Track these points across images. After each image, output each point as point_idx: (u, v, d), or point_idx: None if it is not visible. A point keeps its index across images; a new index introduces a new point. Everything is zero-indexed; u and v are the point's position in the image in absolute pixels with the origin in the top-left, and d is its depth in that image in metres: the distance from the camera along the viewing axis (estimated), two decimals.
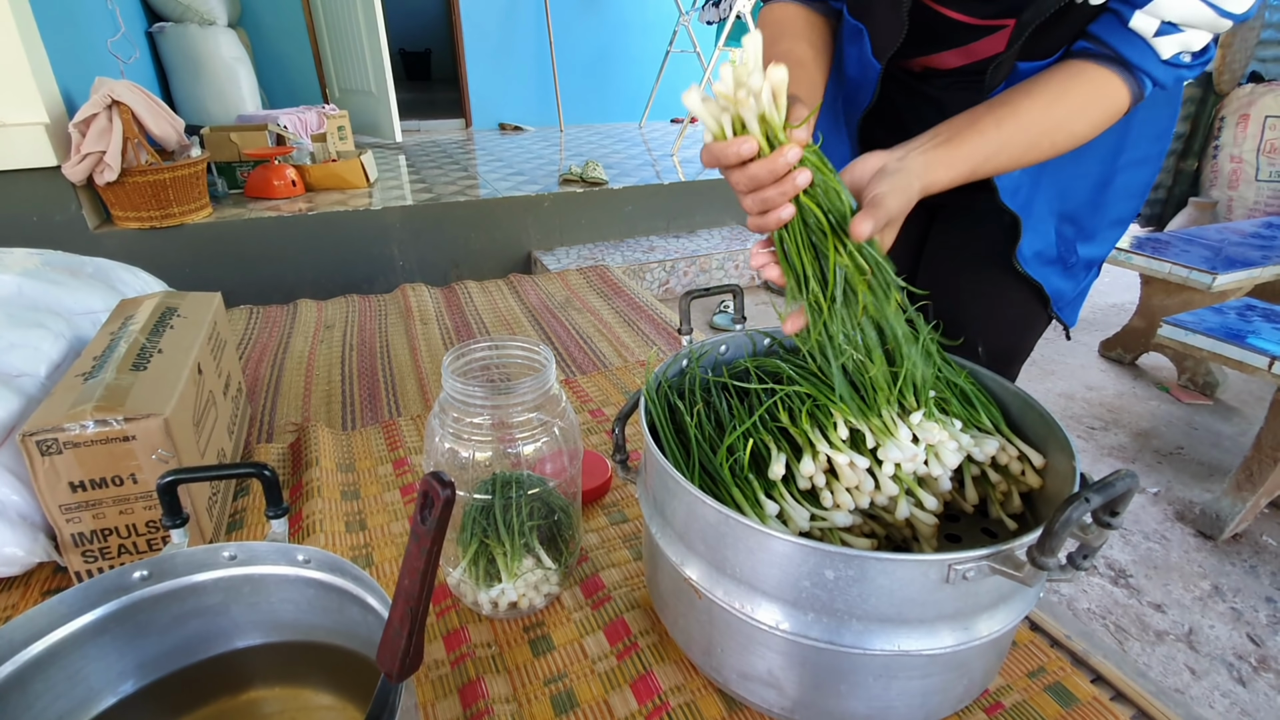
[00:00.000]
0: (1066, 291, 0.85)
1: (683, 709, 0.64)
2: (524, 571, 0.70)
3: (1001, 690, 0.66)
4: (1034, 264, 0.82)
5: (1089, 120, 0.64)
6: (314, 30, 4.43)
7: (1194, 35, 0.60)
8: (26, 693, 0.49)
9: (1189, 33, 0.60)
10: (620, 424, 0.71)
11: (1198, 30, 0.60)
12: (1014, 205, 0.78)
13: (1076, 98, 0.64)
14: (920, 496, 0.59)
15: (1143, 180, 0.83)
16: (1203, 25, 0.60)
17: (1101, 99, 0.64)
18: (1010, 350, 0.90)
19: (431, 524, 0.39)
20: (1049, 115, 0.63)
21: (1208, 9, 0.58)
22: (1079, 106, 0.64)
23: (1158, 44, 0.61)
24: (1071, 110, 0.64)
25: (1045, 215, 0.81)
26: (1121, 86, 0.63)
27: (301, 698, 0.59)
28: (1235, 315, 1.86)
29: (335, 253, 2.66)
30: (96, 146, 2.10)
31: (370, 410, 1.17)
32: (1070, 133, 0.65)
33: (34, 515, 0.76)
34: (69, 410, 0.70)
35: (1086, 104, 0.64)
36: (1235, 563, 1.74)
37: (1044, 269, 0.83)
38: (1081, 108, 0.64)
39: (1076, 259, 0.84)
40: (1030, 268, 0.82)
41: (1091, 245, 0.84)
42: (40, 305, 0.93)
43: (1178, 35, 0.60)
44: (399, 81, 4.22)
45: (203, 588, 0.56)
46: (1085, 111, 0.64)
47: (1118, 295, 3.59)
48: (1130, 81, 0.63)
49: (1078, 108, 0.64)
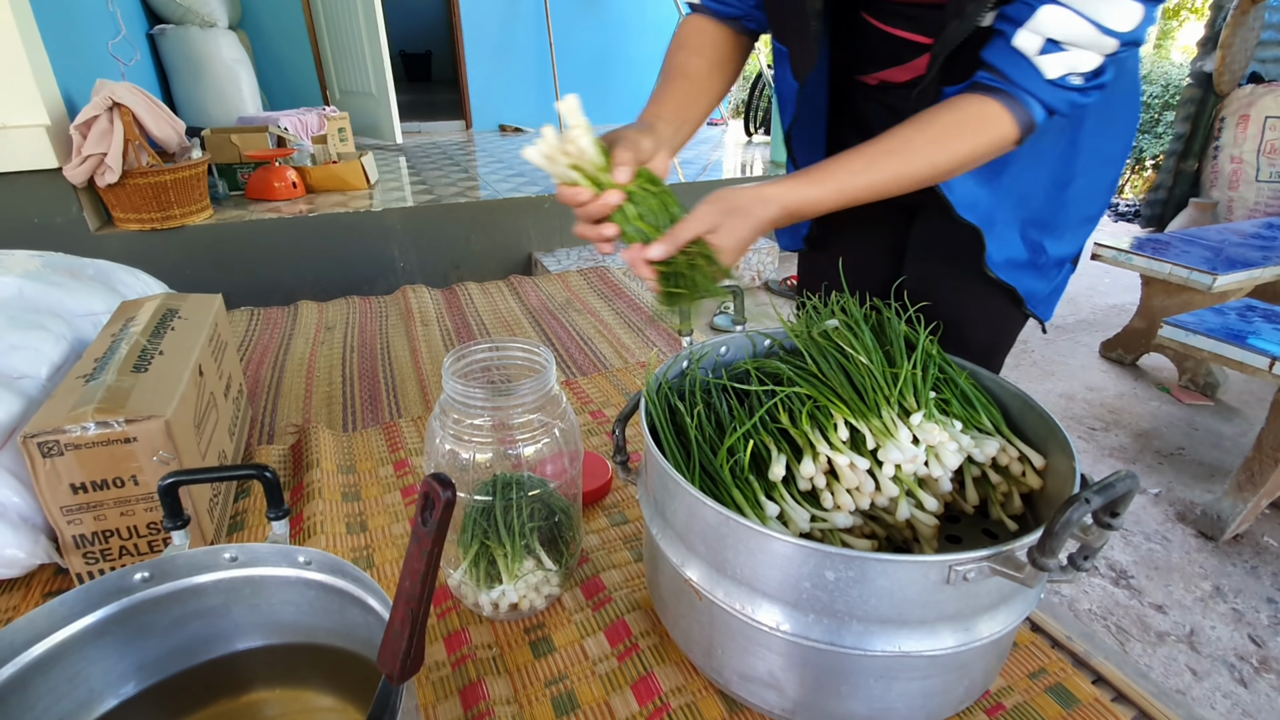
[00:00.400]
0: (1040, 290, 0.87)
1: (683, 710, 0.64)
2: (524, 573, 0.70)
3: (1002, 691, 0.66)
4: (1005, 269, 0.83)
5: (969, 147, 0.64)
6: (314, 32, 4.43)
7: (1079, 55, 0.59)
8: (27, 695, 0.49)
9: (1073, 52, 0.59)
10: (621, 425, 0.71)
11: (1082, 49, 0.59)
12: (973, 218, 0.80)
13: (955, 126, 0.64)
14: (921, 497, 0.59)
15: (1108, 178, 0.84)
16: (1085, 43, 0.59)
17: (982, 126, 0.64)
18: (990, 346, 0.92)
19: (432, 526, 0.39)
20: (926, 143, 0.64)
21: (1088, 24, 0.57)
22: (956, 134, 0.64)
23: (1041, 63, 0.60)
24: (949, 138, 0.64)
25: (1009, 223, 0.83)
26: (1003, 113, 0.63)
27: (302, 699, 0.59)
28: (1236, 316, 1.86)
29: (336, 254, 2.66)
30: (97, 148, 2.10)
31: (371, 412, 1.17)
32: (950, 159, 0.65)
33: (35, 517, 0.76)
34: (70, 412, 0.70)
35: (964, 132, 0.64)
36: (1236, 563, 1.74)
37: (1015, 272, 0.84)
38: (958, 135, 0.64)
39: (1047, 259, 0.85)
40: (1002, 273, 0.83)
41: (1061, 244, 0.86)
42: (41, 307, 0.93)
43: (1062, 54, 0.59)
44: (399, 83, 4.22)
45: (204, 589, 0.56)
46: (963, 139, 0.64)
47: (1118, 296, 3.59)
48: (1015, 107, 0.63)
49: (955, 135, 0.64)
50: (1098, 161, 0.82)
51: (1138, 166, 6.09)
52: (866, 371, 0.63)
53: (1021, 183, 0.81)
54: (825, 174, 0.65)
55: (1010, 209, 0.82)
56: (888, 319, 0.71)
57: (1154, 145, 5.65)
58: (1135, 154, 5.88)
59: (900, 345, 0.67)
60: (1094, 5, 0.56)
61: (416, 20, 7.79)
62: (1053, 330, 3.19)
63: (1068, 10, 0.57)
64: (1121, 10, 0.56)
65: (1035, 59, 0.60)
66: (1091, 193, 0.84)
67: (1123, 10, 0.56)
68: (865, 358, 0.64)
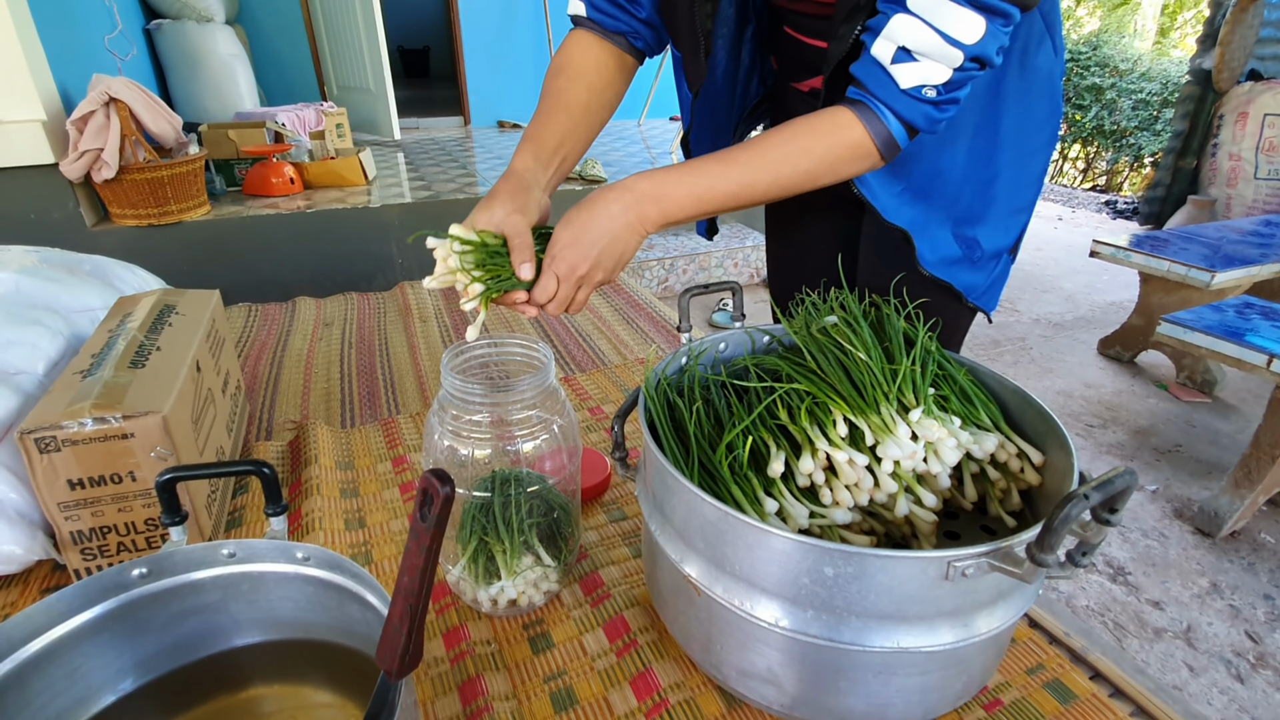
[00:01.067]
0: (978, 283, 0.88)
1: (682, 706, 0.64)
2: (523, 569, 0.70)
3: (1000, 687, 0.66)
4: (939, 267, 0.85)
5: (819, 152, 0.66)
6: (312, 27, 4.42)
7: (929, 66, 0.61)
8: (25, 690, 0.49)
9: (925, 63, 0.61)
10: (619, 422, 0.71)
11: (932, 60, 0.61)
12: (900, 222, 0.82)
13: (805, 132, 0.65)
14: (919, 494, 0.59)
15: (1036, 169, 0.85)
16: (934, 54, 0.60)
17: (832, 130, 0.65)
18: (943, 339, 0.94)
19: (431, 521, 0.39)
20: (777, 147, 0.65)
21: (935, 35, 0.59)
22: (807, 140, 0.65)
23: (895, 72, 0.62)
24: (799, 143, 0.66)
25: (939, 225, 0.84)
26: (854, 120, 0.65)
27: (301, 695, 0.59)
28: (1234, 313, 1.86)
29: (334, 251, 2.66)
30: (94, 144, 2.09)
31: (369, 408, 1.17)
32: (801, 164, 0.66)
33: (32, 513, 0.76)
34: (67, 408, 0.70)
35: (815, 136, 0.65)
36: (1233, 560, 1.74)
37: (950, 269, 0.86)
38: (809, 141, 0.66)
39: (982, 253, 0.87)
40: (937, 270, 0.85)
41: (995, 237, 0.87)
42: (38, 303, 0.93)
43: (914, 64, 0.61)
44: (397, 79, 4.21)
45: (202, 585, 0.56)
46: (814, 144, 0.66)
47: (1116, 293, 3.59)
48: (868, 117, 0.64)
49: (805, 141, 0.65)
50: (1021, 154, 0.83)
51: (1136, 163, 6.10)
52: (865, 368, 0.63)
53: (940, 188, 0.82)
54: (683, 165, 0.66)
55: (938, 212, 0.84)
56: (887, 315, 0.71)
57: (1152, 142, 5.66)
58: (1134, 151, 5.88)
59: (899, 342, 0.67)
60: (940, 14, 0.59)
61: (414, 16, 7.76)
62: (1051, 328, 3.20)
63: (916, 19, 0.59)
64: (965, 21, 0.59)
65: (890, 68, 0.62)
66: (1019, 184, 0.85)
67: (966, 21, 0.59)
68: (864, 354, 0.64)
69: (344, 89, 4.33)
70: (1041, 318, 3.29)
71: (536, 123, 0.80)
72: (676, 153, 3.93)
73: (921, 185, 0.82)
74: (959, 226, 0.85)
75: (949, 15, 0.58)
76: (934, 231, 0.84)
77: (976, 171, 0.82)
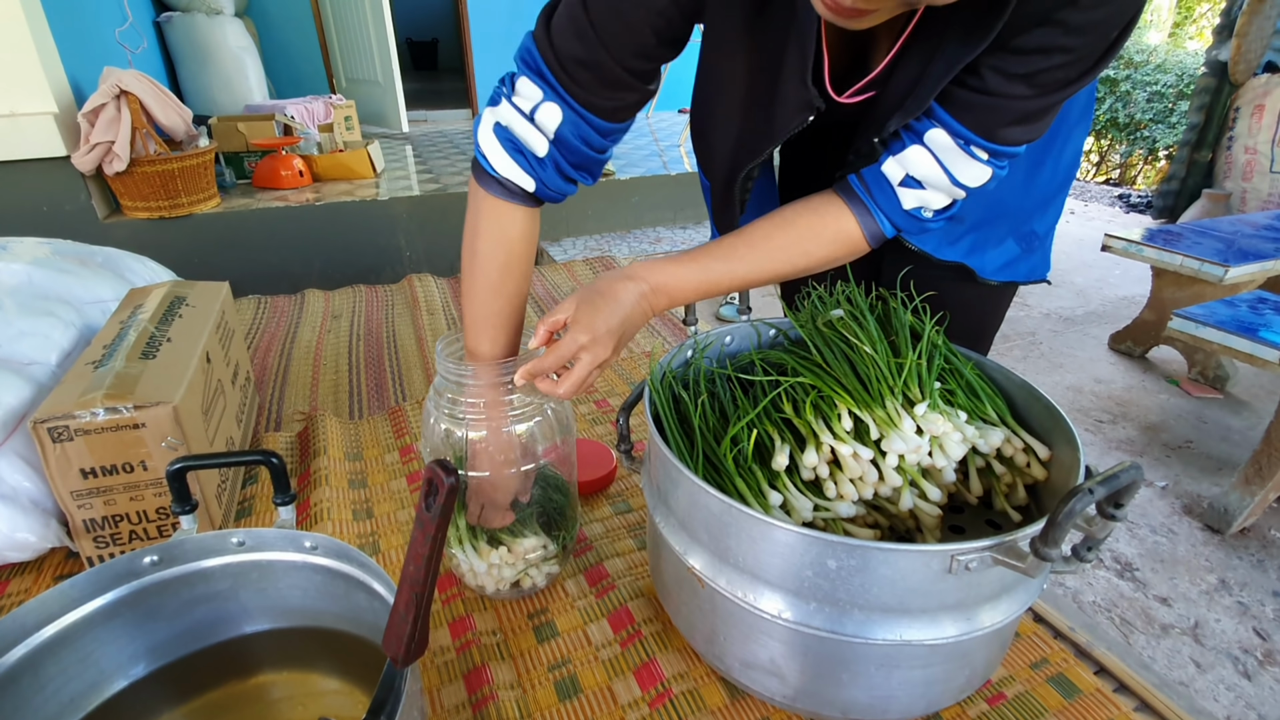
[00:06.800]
0: (1037, 264, 0.88)
1: (685, 696, 0.64)
2: (525, 551, 0.71)
3: (1004, 681, 0.66)
4: (1001, 273, 0.86)
5: (820, 260, 0.69)
6: (321, 20, 4.42)
7: (933, 195, 0.64)
8: (39, 675, 0.50)
9: (929, 191, 0.64)
10: (625, 414, 0.71)
11: (935, 191, 0.64)
12: (954, 258, 0.82)
13: (811, 241, 0.68)
14: (924, 488, 0.59)
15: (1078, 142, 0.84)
16: (939, 188, 0.63)
17: (836, 242, 0.68)
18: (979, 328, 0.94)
19: (436, 511, 0.39)
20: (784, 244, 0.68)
21: (944, 174, 0.62)
22: (812, 240, 0.68)
23: (901, 194, 0.65)
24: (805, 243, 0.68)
25: (1000, 239, 0.85)
26: (857, 229, 0.67)
27: (309, 682, 0.60)
28: (1247, 308, 1.84)
29: (342, 243, 2.66)
30: (105, 136, 2.11)
31: (377, 400, 1.18)
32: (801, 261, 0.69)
33: (46, 501, 0.77)
34: (79, 398, 0.71)
35: (819, 246, 0.68)
36: (1243, 557, 1.73)
37: (1011, 269, 0.86)
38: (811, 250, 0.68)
39: (1038, 239, 0.87)
40: (998, 277, 0.86)
41: (1049, 217, 0.87)
42: (50, 294, 0.94)
43: (918, 191, 0.64)
44: (406, 71, 4.20)
45: (212, 573, 0.57)
46: (816, 252, 0.69)
47: (1128, 288, 3.56)
48: (868, 222, 0.67)
49: (810, 241, 0.68)
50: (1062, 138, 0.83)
51: (1150, 157, 6.03)
52: (871, 361, 0.63)
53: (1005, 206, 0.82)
54: (690, 257, 0.67)
55: (999, 227, 0.84)
56: (894, 309, 0.71)
57: (1167, 135, 5.58)
58: (1148, 144, 5.81)
59: (906, 336, 0.67)
60: (954, 160, 0.61)
61: (423, 8, 7.74)
62: (1061, 322, 3.17)
63: (930, 155, 0.62)
64: (975, 172, 0.62)
65: (896, 188, 0.64)
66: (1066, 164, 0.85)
67: (976, 172, 0.62)
68: (870, 348, 0.64)
69: (352, 81, 4.33)
70: (1052, 312, 3.27)
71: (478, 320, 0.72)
72: (684, 144, 3.92)
73: (978, 220, 0.82)
74: (1019, 227, 0.85)
75: (959, 162, 0.61)
76: (991, 249, 0.84)
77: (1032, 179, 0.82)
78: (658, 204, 3.20)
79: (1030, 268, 0.88)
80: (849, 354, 0.65)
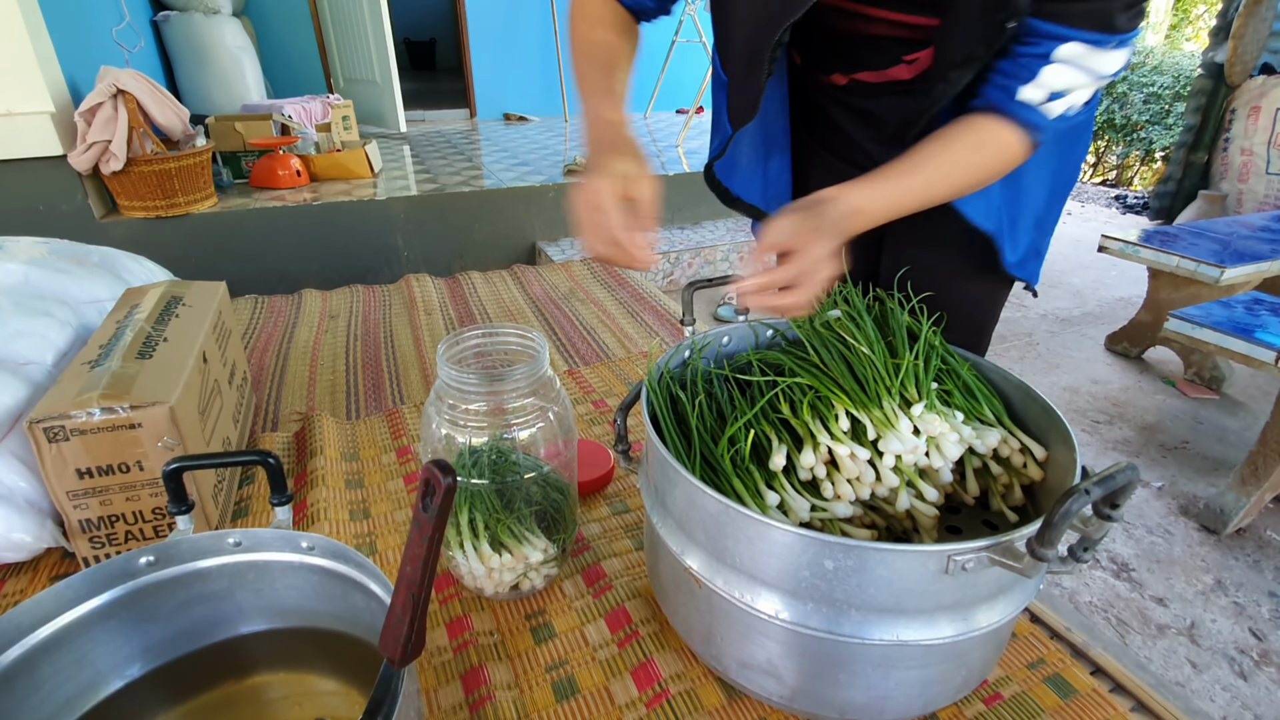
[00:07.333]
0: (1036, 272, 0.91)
1: (682, 697, 0.64)
2: (525, 554, 0.71)
3: (1001, 681, 0.66)
4: (1019, 267, 0.87)
5: (989, 169, 0.72)
6: (318, 19, 4.41)
7: (1078, 95, 0.67)
8: (34, 676, 0.50)
9: (1073, 94, 0.66)
10: (622, 414, 0.71)
11: (1081, 91, 0.66)
12: (989, 226, 0.83)
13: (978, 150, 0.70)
14: (921, 488, 0.59)
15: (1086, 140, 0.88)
16: (1082, 87, 0.66)
17: (1001, 151, 0.70)
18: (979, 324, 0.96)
19: (433, 512, 0.39)
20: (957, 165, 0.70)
21: (1084, 74, 0.65)
22: (981, 157, 0.71)
23: (1048, 109, 0.67)
24: (975, 161, 0.71)
25: (1027, 226, 0.86)
26: (1016, 140, 0.69)
27: (305, 683, 0.60)
28: (1243, 309, 1.85)
29: (340, 243, 2.66)
30: (102, 135, 2.10)
31: (374, 400, 1.18)
32: (973, 180, 0.72)
33: (41, 502, 0.77)
34: (76, 398, 0.71)
35: (987, 156, 0.71)
36: (1239, 557, 1.74)
37: (1026, 266, 0.88)
38: (983, 159, 0.71)
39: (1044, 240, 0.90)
40: (1017, 272, 0.87)
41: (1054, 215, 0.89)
42: (47, 293, 0.94)
43: (1063, 99, 0.67)
44: (403, 71, 4.20)
45: (208, 574, 0.57)
46: (986, 162, 0.71)
47: (1125, 289, 3.57)
48: (1023, 135, 0.69)
49: (980, 158, 0.71)
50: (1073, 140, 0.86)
51: (1147, 158, 6.04)
52: (868, 362, 0.63)
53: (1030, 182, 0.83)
54: (871, 180, 0.68)
55: (1027, 210, 0.85)
56: (890, 309, 0.71)
57: (1164, 137, 5.60)
58: (1144, 145, 5.82)
59: (903, 336, 0.67)
60: (1091, 60, 0.64)
61: (421, 8, 7.74)
62: (1058, 323, 3.18)
63: (1066, 66, 0.64)
64: (1114, 60, 0.65)
65: (1041, 106, 0.67)
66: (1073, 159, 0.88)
67: (1115, 60, 0.65)
68: (867, 348, 0.64)
69: (350, 81, 4.33)
70: (1048, 313, 3.27)
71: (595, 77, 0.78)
72: (682, 145, 3.92)
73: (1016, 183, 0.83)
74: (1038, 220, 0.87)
75: (1100, 59, 0.64)
76: (1020, 234, 0.86)
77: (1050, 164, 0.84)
78: None
79: (1034, 270, 0.90)
80: (846, 354, 0.65)
